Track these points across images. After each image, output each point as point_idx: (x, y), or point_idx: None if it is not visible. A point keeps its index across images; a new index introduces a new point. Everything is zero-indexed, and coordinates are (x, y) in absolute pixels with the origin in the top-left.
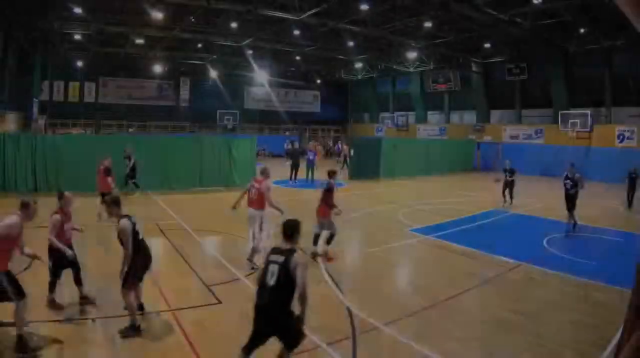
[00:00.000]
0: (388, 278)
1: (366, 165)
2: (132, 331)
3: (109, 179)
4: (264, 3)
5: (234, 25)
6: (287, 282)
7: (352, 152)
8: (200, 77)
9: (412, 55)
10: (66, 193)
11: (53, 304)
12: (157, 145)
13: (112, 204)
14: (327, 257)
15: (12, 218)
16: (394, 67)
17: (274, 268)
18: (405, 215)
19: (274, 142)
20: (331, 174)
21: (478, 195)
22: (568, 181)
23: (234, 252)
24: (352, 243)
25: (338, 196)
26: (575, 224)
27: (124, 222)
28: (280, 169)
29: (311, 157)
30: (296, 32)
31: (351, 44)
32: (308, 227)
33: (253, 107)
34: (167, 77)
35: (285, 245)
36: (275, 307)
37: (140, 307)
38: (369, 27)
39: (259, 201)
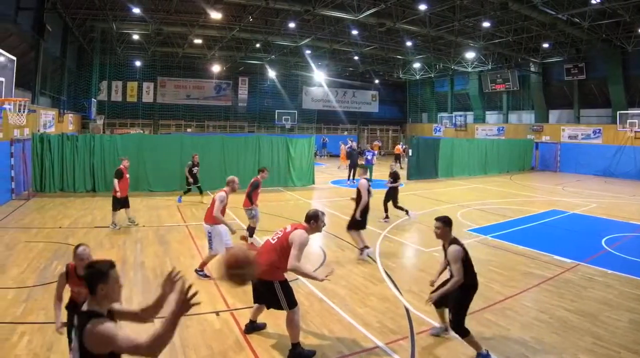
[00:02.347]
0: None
1: (424, 165)
2: None
3: (115, 182)
4: (322, 3)
5: (292, 25)
6: None
7: (410, 152)
8: (258, 76)
9: (470, 55)
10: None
11: None
12: (216, 145)
13: (445, 225)
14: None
15: (304, 234)
16: (452, 67)
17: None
18: (464, 215)
19: (332, 142)
20: (260, 171)
21: (536, 195)
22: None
23: None
24: (411, 243)
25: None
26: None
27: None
28: (337, 170)
29: (369, 157)
30: (354, 32)
31: (409, 43)
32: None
33: (311, 107)
34: (225, 77)
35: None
36: None
37: None
38: (428, 27)
39: (210, 214)
